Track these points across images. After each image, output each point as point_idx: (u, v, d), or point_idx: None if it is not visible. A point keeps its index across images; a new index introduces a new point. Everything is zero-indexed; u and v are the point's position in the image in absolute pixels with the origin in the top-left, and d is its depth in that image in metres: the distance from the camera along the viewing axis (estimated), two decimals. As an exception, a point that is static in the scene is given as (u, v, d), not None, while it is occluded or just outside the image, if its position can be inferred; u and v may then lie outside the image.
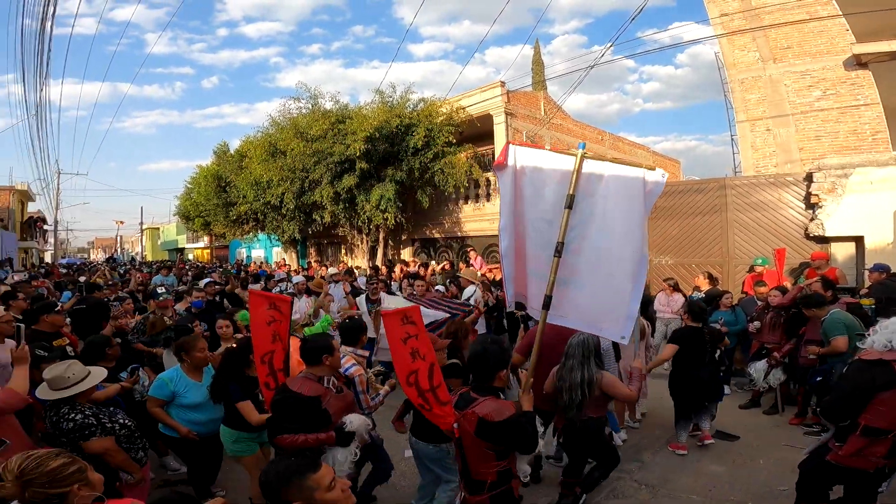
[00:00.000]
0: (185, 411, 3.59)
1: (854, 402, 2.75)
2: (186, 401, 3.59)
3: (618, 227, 2.81)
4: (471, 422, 2.39)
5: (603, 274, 2.85)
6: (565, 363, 3.51)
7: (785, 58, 10.60)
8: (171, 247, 45.76)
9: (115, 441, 2.78)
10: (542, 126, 14.53)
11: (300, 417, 2.71)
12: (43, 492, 1.54)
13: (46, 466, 1.57)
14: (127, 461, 2.80)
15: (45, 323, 4.42)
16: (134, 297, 7.90)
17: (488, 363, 2.50)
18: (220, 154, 19.33)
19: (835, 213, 8.10)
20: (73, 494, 1.58)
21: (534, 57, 23.43)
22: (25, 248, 26.55)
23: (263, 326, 3.08)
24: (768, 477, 4.18)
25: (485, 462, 2.41)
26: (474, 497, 2.45)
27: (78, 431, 2.67)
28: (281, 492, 1.49)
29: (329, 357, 2.91)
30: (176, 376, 3.63)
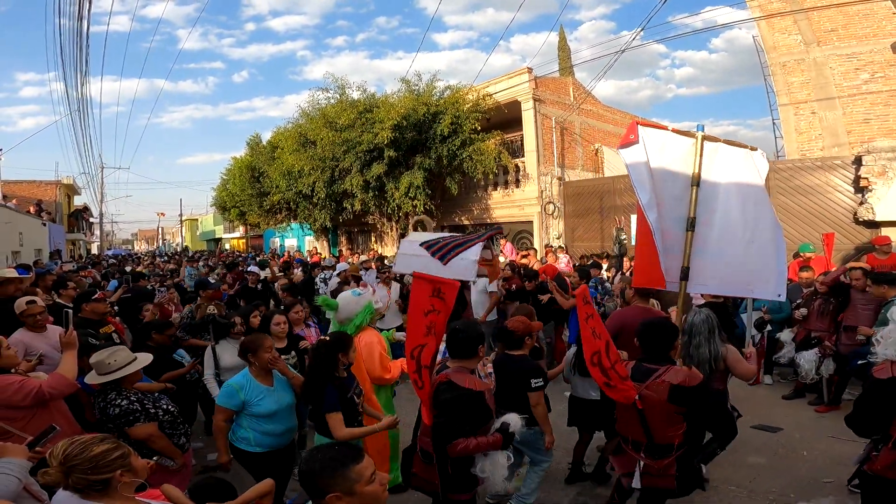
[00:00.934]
0: (258, 422, 3.07)
1: (878, 416, 2.61)
2: (261, 410, 3.06)
3: (744, 200, 3.18)
4: (660, 390, 2.58)
5: (742, 242, 3.18)
6: (691, 341, 3.43)
7: (829, 41, 10.18)
8: (210, 237, 47.02)
9: (158, 427, 2.83)
10: (571, 112, 14.26)
11: (471, 417, 2.53)
12: (85, 478, 1.54)
13: (90, 452, 1.56)
14: (169, 447, 2.84)
15: (86, 311, 4.47)
16: (181, 288, 8.19)
17: (666, 336, 2.73)
18: (253, 145, 19.72)
19: (885, 197, 7.72)
20: (116, 480, 1.58)
21: (559, 43, 22.91)
22: (73, 240, 27.66)
23: (420, 316, 2.67)
24: (811, 469, 4.05)
25: (672, 426, 2.63)
26: (660, 461, 2.68)
27: (123, 417, 2.71)
28: (321, 481, 1.45)
29: (483, 347, 2.73)
30: (246, 383, 3.11)
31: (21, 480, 1.83)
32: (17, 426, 2.50)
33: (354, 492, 1.45)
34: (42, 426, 2.27)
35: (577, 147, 14.73)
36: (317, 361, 3.00)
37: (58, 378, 2.78)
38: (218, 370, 4.00)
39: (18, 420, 2.59)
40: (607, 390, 2.69)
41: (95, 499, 1.55)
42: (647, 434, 2.69)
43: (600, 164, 15.18)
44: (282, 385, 3.22)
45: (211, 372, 4.00)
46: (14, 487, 1.79)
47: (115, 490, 1.59)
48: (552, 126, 13.71)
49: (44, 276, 6.75)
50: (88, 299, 4.60)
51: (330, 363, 2.94)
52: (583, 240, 12.61)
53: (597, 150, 15.27)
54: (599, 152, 15.25)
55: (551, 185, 13.34)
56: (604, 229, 12.02)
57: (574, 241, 12.72)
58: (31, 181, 25.96)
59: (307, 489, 1.50)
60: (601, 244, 11.88)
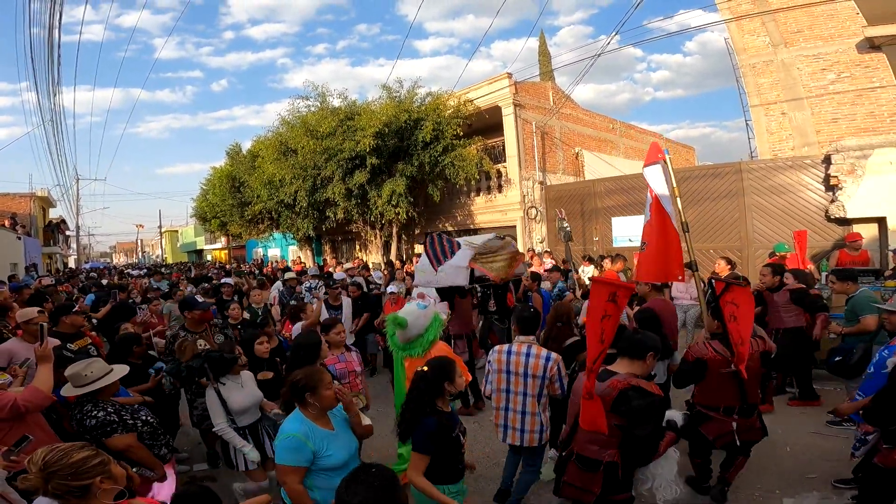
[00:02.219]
0: (329, 477, 2.36)
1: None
2: (332, 462, 2.38)
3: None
4: (755, 358, 3.30)
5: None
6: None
7: (796, 42, 10.45)
8: (190, 248, 46.41)
9: (137, 438, 2.81)
10: (551, 116, 14.44)
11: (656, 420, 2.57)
12: (65, 484, 1.55)
13: (70, 458, 1.59)
14: (149, 458, 2.83)
15: (64, 324, 4.45)
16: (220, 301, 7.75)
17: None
18: (233, 155, 19.54)
19: (855, 195, 7.97)
20: (96, 487, 1.59)
21: (539, 48, 23.23)
22: (49, 254, 27.07)
23: (597, 322, 2.49)
24: (795, 464, 4.12)
25: (757, 388, 3.41)
26: (749, 419, 3.37)
27: (100, 428, 2.70)
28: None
29: (652, 354, 2.68)
30: (309, 430, 2.39)
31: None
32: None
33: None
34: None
35: (557, 151, 14.90)
36: (417, 391, 2.54)
37: (32, 391, 2.76)
38: (231, 416, 3.39)
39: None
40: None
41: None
42: (742, 398, 3.27)
43: (581, 168, 15.37)
44: (342, 426, 2.56)
45: (223, 420, 3.35)
46: None
47: (94, 497, 1.60)
48: (533, 131, 13.86)
49: (20, 291, 6.64)
50: (67, 312, 4.56)
51: (434, 393, 2.51)
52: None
53: (577, 153, 15.47)
54: (580, 156, 15.45)
55: (533, 190, 13.47)
56: (586, 232, 12.18)
57: (557, 245, 12.85)
58: (5, 194, 25.37)
59: None
60: (584, 247, 12.03)
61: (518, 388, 3.35)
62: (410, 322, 3.55)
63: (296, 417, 2.44)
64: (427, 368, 2.57)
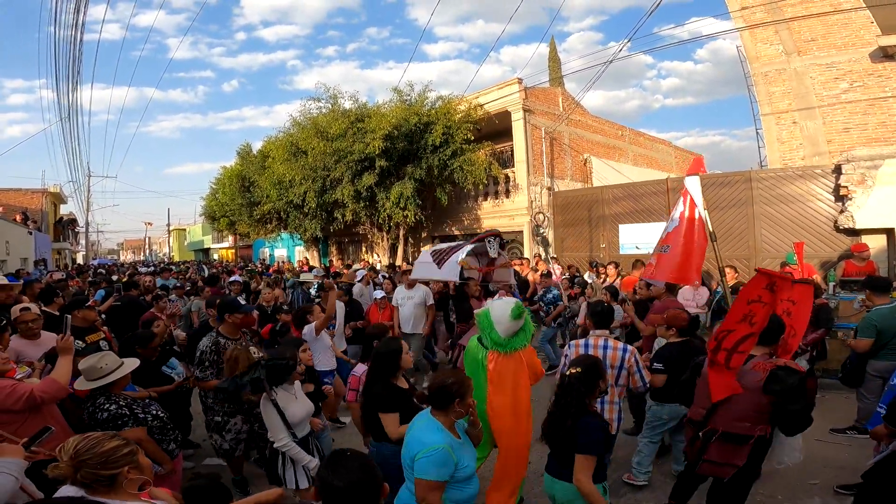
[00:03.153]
0: (460, 488, 2.27)
1: None
2: (466, 472, 2.28)
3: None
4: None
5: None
6: None
7: (809, 50, 10.41)
8: (198, 247, 46.70)
9: (146, 432, 2.84)
10: (560, 122, 14.46)
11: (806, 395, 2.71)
12: (95, 472, 1.57)
13: (101, 447, 1.60)
14: (158, 452, 2.86)
15: (77, 318, 4.43)
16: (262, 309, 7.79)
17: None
18: (243, 155, 19.69)
19: (865, 205, 7.92)
20: (123, 476, 1.61)
21: (550, 54, 23.27)
22: (58, 250, 27.33)
23: (743, 303, 2.71)
24: (798, 471, 4.09)
25: None
26: None
27: (112, 421, 2.72)
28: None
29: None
30: (450, 440, 2.26)
31: (18, 479, 1.84)
32: (9, 430, 2.49)
33: None
34: (34, 431, 2.27)
35: (566, 157, 14.91)
36: (575, 392, 2.49)
37: (50, 382, 2.78)
38: (291, 430, 3.05)
39: (11, 424, 2.58)
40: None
41: (102, 494, 1.58)
42: None
43: (589, 175, 15.37)
44: (464, 434, 2.44)
45: (286, 435, 3.00)
46: (11, 486, 1.81)
47: (121, 486, 1.61)
48: (542, 136, 13.88)
49: (31, 285, 6.71)
50: (81, 306, 4.59)
51: (589, 393, 2.51)
52: (572, 249, 12.74)
53: (585, 160, 15.47)
54: (588, 162, 15.45)
55: (541, 196, 13.49)
56: (592, 239, 12.17)
57: (563, 251, 12.85)
58: (17, 189, 25.68)
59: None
60: (590, 254, 12.01)
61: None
62: (500, 316, 3.38)
63: (434, 426, 2.28)
64: (580, 369, 2.55)
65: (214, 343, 3.81)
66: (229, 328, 3.96)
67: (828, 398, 5.49)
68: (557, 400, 2.56)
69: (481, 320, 3.42)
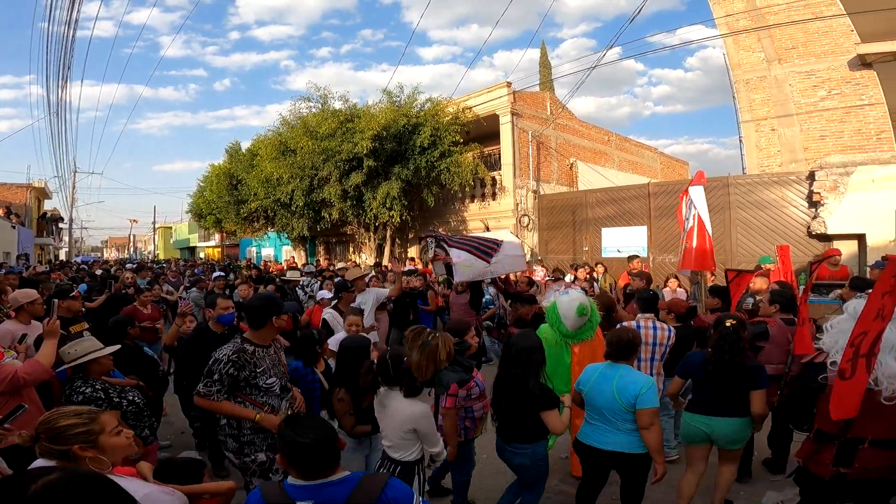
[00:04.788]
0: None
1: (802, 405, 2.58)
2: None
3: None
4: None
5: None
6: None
7: (790, 58, 10.64)
8: (183, 245, 46.29)
9: (120, 416, 2.79)
10: (547, 126, 14.64)
11: None
12: (47, 446, 1.61)
13: (56, 423, 1.64)
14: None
15: (61, 308, 4.43)
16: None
17: None
18: (232, 152, 19.65)
19: (837, 211, 8.15)
20: (73, 454, 1.61)
21: (541, 59, 23.56)
22: (41, 245, 26.99)
23: (878, 298, 2.31)
24: (757, 464, 4.23)
25: None
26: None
27: (85, 404, 2.74)
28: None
29: None
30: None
31: None
32: (-12, 411, 2.53)
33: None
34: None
35: (552, 161, 15.09)
36: (739, 339, 3.15)
37: (34, 364, 2.83)
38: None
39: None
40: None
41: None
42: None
43: (574, 179, 15.56)
44: None
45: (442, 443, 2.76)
46: None
47: (84, 462, 1.62)
48: (529, 140, 14.05)
49: (7, 277, 6.73)
50: (64, 297, 4.67)
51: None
52: (556, 252, 12.90)
53: (571, 164, 15.66)
54: (574, 167, 15.64)
55: (526, 198, 13.64)
56: (576, 242, 12.33)
57: (547, 254, 13.00)
58: (2, 184, 25.38)
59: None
60: (573, 256, 12.18)
61: (647, 356, 4.02)
62: (567, 312, 3.77)
63: (631, 369, 3.01)
64: (735, 322, 3.23)
65: (238, 353, 2.72)
66: (265, 334, 2.91)
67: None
68: (721, 347, 3.13)
69: (550, 314, 3.89)
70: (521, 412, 2.91)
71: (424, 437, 2.56)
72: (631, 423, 2.86)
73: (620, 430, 2.88)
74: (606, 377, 2.98)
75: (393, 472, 2.53)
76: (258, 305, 2.90)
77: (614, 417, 2.89)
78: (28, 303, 3.92)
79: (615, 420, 2.90)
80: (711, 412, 3.17)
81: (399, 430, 2.56)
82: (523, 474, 3.06)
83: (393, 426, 2.59)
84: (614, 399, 2.87)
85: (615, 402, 2.87)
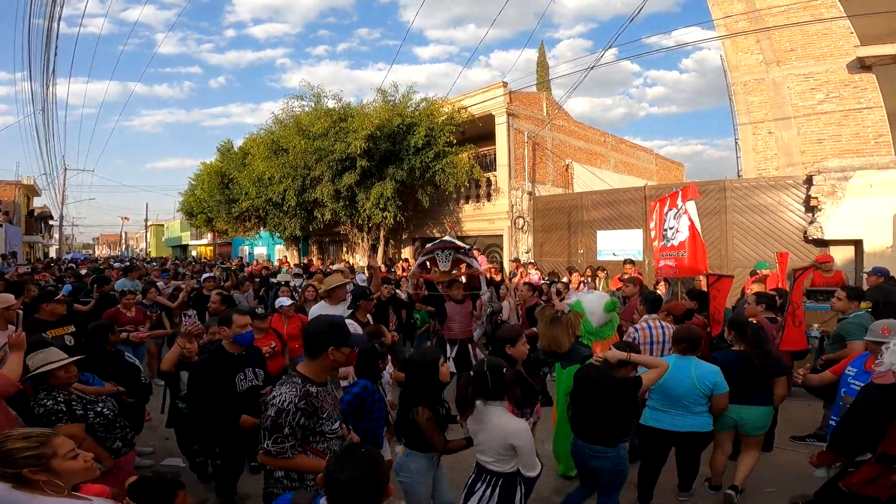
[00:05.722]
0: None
1: (870, 430, 2.48)
2: None
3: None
4: None
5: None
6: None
7: (788, 60, 10.56)
8: (175, 243, 45.95)
9: (84, 429, 2.79)
10: (543, 127, 14.52)
11: None
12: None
13: (4, 446, 1.61)
14: (96, 449, 2.77)
15: (45, 312, 4.51)
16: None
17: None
18: (223, 151, 19.45)
19: (834, 217, 8.07)
20: (25, 477, 1.59)
21: (538, 59, 23.42)
22: (30, 243, 26.71)
23: None
24: (754, 479, 4.13)
25: None
26: None
27: (45, 417, 2.70)
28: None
29: None
30: None
31: None
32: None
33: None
34: None
35: (548, 162, 14.98)
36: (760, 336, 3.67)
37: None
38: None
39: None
40: None
41: (24, 490, 1.59)
42: None
43: (570, 180, 15.45)
44: None
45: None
46: None
47: (38, 486, 1.60)
48: (524, 140, 13.92)
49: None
50: (49, 300, 4.63)
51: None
52: (550, 254, 12.78)
53: (567, 165, 15.56)
54: (570, 168, 15.54)
55: (521, 200, 13.51)
56: (571, 244, 12.22)
57: (542, 256, 12.88)
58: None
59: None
60: (568, 259, 12.06)
61: (657, 353, 4.26)
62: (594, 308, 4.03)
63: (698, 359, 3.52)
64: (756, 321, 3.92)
65: (305, 399, 2.22)
66: (321, 368, 2.35)
67: (790, 406, 5.53)
68: (754, 342, 3.60)
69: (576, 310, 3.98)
70: (607, 413, 2.98)
71: (522, 455, 2.48)
72: (704, 406, 3.41)
73: (694, 413, 3.41)
74: (682, 368, 3.43)
75: (495, 484, 2.51)
76: (316, 332, 2.35)
77: (691, 402, 3.40)
78: (3, 308, 3.79)
79: (691, 405, 3.40)
80: (741, 402, 3.56)
81: (497, 447, 2.50)
82: (604, 478, 3.10)
83: (490, 442, 2.52)
84: (694, 387, 3.37)
85: (695, 389, 3.37)
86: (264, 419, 2.20)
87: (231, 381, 3.42)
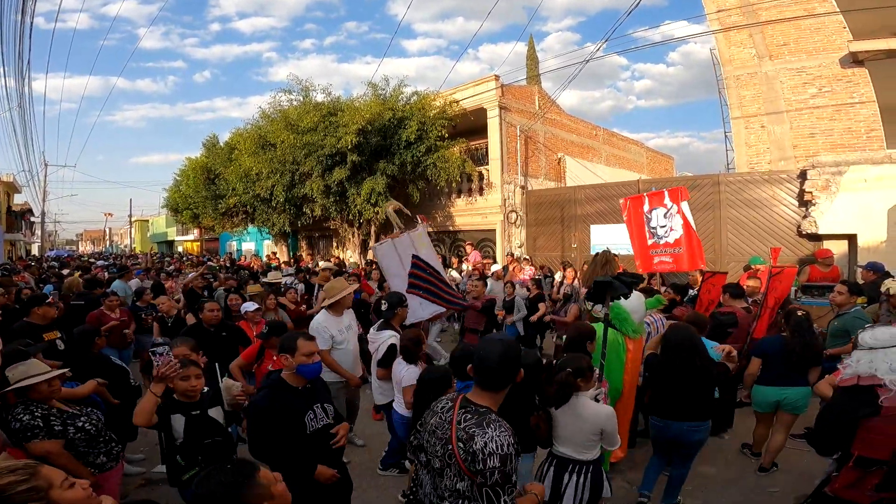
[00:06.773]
0: None
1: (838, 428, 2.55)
2: None
3: None
4: None
5: None
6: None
7: (781, 55, 10.54)
8: (161, 239, 45.31)
9: (62, 445, 2.67)
10: (535, 120, 14.41)
11: None
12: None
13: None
14: (73, 466, 2.65)
15: (36, 315, 4.51)
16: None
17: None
18: (209, 146, 19.08)
19: (828, 211, 8.07)
20: None
21: (528, 53, 23.22)
22: (12, 241, 26.13)
23: None
24: (756, 479, 4.12)
25: None
26: None
27: (21, 433, 2.59)
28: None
29: None
30: None
31: None
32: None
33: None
34: None
35: (540, 156, 14.88)
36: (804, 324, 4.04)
37: None
38: None
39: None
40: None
41: None
42: None
43: (562, 174, 15.38)
44: None
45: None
46: None
47: None
48: (517, 134, 13.80)
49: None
50: (41, 303, 4.62)
51: None
52: (544, 249, 12.72)
53: (559, 159, 15.48)
54: (562, 161, 15.46)
55: (514, 194, 13.41)
56: (564, 239, 12.15)
57: (535, 251, 12.81)
58: (-33, 178, 24.41)
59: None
60: (561, 253, 12.00)
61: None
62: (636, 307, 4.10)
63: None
64: (805, 312, 4.17)
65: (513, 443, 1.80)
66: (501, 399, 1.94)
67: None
68: (798, 330, 4.00)
69: (616, 312, 3.94)
70: (699, 391, 3.35)
71: (609, 436, 2.68)
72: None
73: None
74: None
75: (586, 472, 2.65)
76: (498, 362, 1.84)
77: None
78: None
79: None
80: (784, 384, 4.01)
81: (588, 433, 2.67)
82: (693, 450, 3.52)
83: (583, 430, 2.67)
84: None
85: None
86: (487, 474, 1.70)
87: (300, 422, 2.60)
